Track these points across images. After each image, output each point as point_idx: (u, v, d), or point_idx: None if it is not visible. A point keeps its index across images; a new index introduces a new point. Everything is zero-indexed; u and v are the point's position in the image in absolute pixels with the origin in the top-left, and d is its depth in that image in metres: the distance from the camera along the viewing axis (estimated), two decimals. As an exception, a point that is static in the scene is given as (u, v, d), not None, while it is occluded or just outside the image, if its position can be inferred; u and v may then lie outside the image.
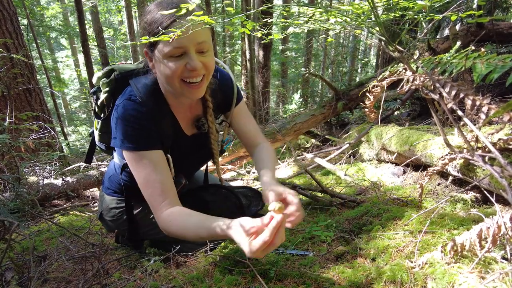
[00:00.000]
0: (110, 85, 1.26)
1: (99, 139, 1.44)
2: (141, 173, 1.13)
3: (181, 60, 1.06)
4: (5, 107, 2.90)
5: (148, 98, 1.16)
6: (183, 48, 1.04)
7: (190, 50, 1.05)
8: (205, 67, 1.10)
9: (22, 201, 1.20)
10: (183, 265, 1.30)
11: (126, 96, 1.16)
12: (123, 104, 1.14)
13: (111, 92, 1.26)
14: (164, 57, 1.06)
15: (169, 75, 1.08)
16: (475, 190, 1.42)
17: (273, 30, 1.28)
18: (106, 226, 1.52)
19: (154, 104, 1.17)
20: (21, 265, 1.32)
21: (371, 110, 1.19)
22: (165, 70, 1.08)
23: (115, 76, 1.25)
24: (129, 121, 1.12)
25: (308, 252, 1.20)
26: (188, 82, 1.10)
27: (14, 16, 3.20)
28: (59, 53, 15.38)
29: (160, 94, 1.20)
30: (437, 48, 3.23)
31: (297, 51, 12.91)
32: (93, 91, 1.38)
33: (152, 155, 1.14)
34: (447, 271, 0.88)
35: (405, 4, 0.96)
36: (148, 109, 1.14)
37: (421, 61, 1.00)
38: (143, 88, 1.17)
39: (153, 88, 1.18)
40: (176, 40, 1.00)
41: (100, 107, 1.32)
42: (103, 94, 1.28)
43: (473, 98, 0.77)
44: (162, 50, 1.05)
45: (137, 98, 1.14)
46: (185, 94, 1.14)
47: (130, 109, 1.13)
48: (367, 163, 2.49)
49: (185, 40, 1.01)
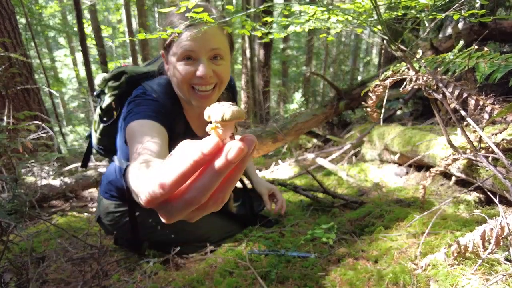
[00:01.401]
0: (119, 88, 1.22)
1: (98, 142, 1.41)
2: (140, 139, 0.99)
3: (192, 66, 1.03)
4: (3, 107, 2.88)
5: (163, 96, 1.13)
6: (193, 51, 1.01)
7: (202, 56, 1.02)
8: (216, 75, 1.07)
9: (19, 202, 1.18)
10: (182, 267, 1.29)
11: (139, 92, 1.12)
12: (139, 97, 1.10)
13: (119, 96, 1.22)
14: (176, 60, 1.04)
15: (178, 79, 1.06)
16: (478, 191, 1.41)
17: (273, 29, 1.27)
18: (105, 229, 1.50)
19: (168, 103, 1.14)
20: (19, 267, 1.30)
21: (374, 109, 1.18)
22: (175, 73, 1.06)
23: (126, 79, 1.21)
24: (143, 101, 1.07)
25: (310, 254, 1.18)
26: (197, 90, 1.07)
27: (12, 15, 3.18)
28: (57, 52, 15.32)
29: (175, 95, 1.18)
30: (440, 47, 3.21)
31: (298, 50, 12.87)
32: (97, 93, 1.35)
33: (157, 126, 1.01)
34: (450, 273, 0.87)
35: (408, 2, 0.95)
36: (163, 103, 1.11)
37: (424, 61, 0.98)
38: (158, 87, 1.14)
39: (167, 89, 1.16)
40: (187, 43, 0.98)
41: (105, 111, 1.27)
42: (110, 97, 1.24)
43: (476, 98, 0.76)
44: (174, 52, 1.03)
45: (152, 95, 1.11)
46: (192, 101, 1.10)
47: (146, 97, 1.09)
48: (369, 163, 2.48)
49: (197, 44, 0.99)
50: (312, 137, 4.37)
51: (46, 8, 11.55)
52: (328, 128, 4.54)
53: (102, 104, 1.28)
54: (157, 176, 0.36)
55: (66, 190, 2.39)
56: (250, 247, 1.30)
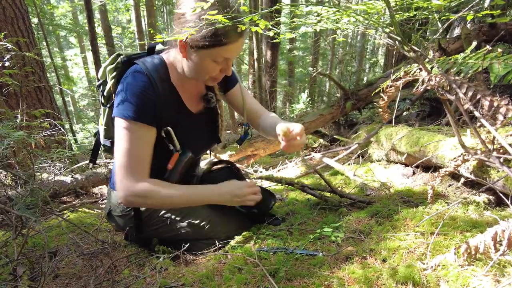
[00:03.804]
0: (116, 69, 1.30)
1: (105, 134, 1.44)
2: (126, 143, 1.17)
3: (220, 64, 1.19)
4: (17, 105, 2.94)
5: (155, 73, 1.22)
6: (229, 57, 1.18)
7: (231, 59, 1.20)
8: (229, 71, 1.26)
9: (35, 197, 1.22)
10: (192, 263, 1.31)
11: (132, 70, 1.22)
12: (130, 75, 1.20)
13: (117, 78, 1.30)
14: (211, 59, 1.16)
15: (208, 72, 1.20)
16: (488, 192, 1.40)
17: (281, 29, 1.28)
18: (115, 224, 1.52)
19: (160, 80, 1.23)
20: (32, 261, 1.34)
21: (385, 110, 1.18)
22: (205, 67, 1.18)
23: (121, 60, 1.31)
24: (134, 90, 1.17)
25: (318, 252, 1.19)
26: (213, 77, 1.25)
27: (25, 14, 3.24)
28: (68, 51, 15.54)
29: (167, 73, 1.27)
30: (448, 48, 3.18)
31: (304, 50, 12.86)
32: (99, 84, 1.40)
33: (144, 131, 1.19)
34: (461, 274, 0.87)
35: (420, 3, 0.95)
36: (154, 82, 1.20)
37: (436, 61, 0.98)
38: (151, 65, 1.23)
39: (160, 66, 1.25)
40: (229, 51, 1.14)
41: (106, 97, 1.36)
42: (110, 81, 1.31)
43: (490, 99, 0.76)
44: (209, 53, 1.13)
45: (144, 71, 1.20)
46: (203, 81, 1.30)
47: (137, 79, 1.18)
48: (376, 163, 2.47)
49: (234, 52, 1.16)
50: (318, 137, 4.37)
51: (57, 8, 11.73)
52: (335, 128, 4.52)
53: (104, 92, 1.36)
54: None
55: (77, 187, 2.44)
56: (259, 245, 1.31)
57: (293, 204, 1.89)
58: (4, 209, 1.11)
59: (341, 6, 0.96)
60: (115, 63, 1.31)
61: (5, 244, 1.36)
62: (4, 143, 1.17)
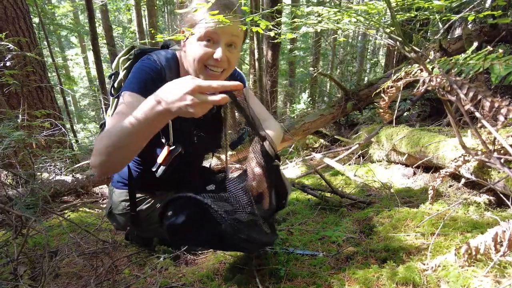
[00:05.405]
0: (129, 60, 1.31)
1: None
2: (120, 111, 1.06)
3: (210, 48, 1.11)
4: (18, 104, 2.94)
5: (165, 62, 1.22)
6: (215, 34, 1.09)
7: (222, 40, 1.11)
8: (228, 62, 1.15)
9: (36, 197, 1.22)
10: (192, 263, 1.31)
11: (145, 58, 1.22)
12: (140, 61, 1.21)
13: (128, 68, 1.30)
14: (197, 39, 1.11)
15: (195, 57, 1.13)
16: (488, 193, 1.40)
17: (282, 29, 1.28)
18: (115, 223, 1.52)
19: (169, 68, 1.22)
20: (34, 260, 1.34)
21: (386, 110, 1.18)
22: (193, 52, 1.13)
23: (134, 52, 1.31)
24: (141, 68, 1.17)
25: (318, 253, 1.19)
26: (209, 69, 1.16)
27: (27, 14, 3.24)
28: (69, 51, 15.56)
29: (176, 66, 1.27)
30: (449, 48, 3.18)
31: (305, 51, 12.85)
32: (111, 74, 1.42)
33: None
34: (461, 274, 0.87)
35: (421, 4, 0.95)
36: (163, 68, 1.20)
37: (437, 62, 0.98)
38: (163, 57, 1.23)
39: (171, 59, 1.25)
40: (212, 26, 1.05)
41: (117, 88, 1.36)
42: (122, 72, 1.32)
43: (491, 100, 0.76)
44: (197, 32, 1.09)
45: (154, 59, 1.21)
46: (201, 77, 1.18)
47: (145, 63, 1.19)
48: (377, 164, 2.47)
49: (220, 28, 1.07)
50: (319, 137, 4.36)
51: (58, 7, 11.75)
52: (336, 128, 4.52)
53: (115, 82, 1.36)
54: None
55: (78, 186, 2.44)
56: (259, 245, 1.31)
57: (294, 204, 1.89)
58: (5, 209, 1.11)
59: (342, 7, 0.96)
60: (128, 54, 1.33)
61: (5, 244, 1.36)
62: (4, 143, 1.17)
